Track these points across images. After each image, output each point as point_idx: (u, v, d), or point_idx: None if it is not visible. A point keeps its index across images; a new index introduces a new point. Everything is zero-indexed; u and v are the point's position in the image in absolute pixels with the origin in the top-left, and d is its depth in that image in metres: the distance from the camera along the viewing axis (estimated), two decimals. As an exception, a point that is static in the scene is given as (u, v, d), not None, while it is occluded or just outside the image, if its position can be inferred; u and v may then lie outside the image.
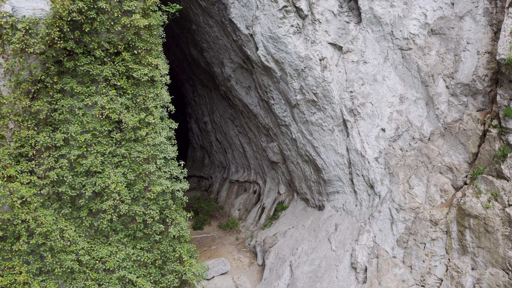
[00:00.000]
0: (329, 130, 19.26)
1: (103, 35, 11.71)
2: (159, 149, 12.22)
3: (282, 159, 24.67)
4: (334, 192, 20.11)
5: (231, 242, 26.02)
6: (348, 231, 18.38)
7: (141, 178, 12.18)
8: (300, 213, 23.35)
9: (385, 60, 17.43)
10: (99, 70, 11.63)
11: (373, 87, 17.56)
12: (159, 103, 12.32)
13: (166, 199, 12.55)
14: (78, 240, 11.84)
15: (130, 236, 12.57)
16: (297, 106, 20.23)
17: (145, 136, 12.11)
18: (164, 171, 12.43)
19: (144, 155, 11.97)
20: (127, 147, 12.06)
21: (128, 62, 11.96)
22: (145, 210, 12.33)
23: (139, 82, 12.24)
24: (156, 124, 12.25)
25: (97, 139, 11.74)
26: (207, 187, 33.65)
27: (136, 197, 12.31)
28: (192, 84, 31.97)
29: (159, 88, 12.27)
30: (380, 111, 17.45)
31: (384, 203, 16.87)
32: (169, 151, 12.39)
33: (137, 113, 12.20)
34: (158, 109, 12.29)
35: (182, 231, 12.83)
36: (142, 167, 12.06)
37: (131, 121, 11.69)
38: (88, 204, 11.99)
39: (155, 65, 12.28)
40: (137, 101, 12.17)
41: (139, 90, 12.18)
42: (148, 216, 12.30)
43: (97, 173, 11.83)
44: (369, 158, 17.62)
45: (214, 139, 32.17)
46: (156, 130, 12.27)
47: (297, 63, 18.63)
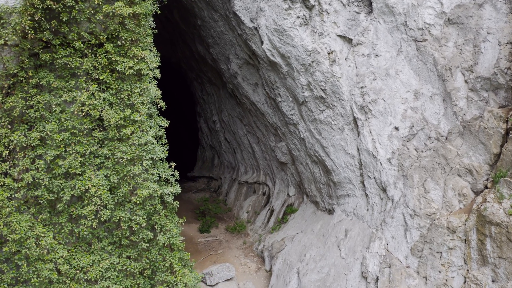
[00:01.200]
0: (339, 129, 17.99)
1: (84, 25, 10.74)
2: (146, 149, 11.19)
3: (291, 160, 23.47)
4: (344, 195, 18.82)
5: (238, 246, 24.94)
6: (358, 237, 17.08)
7: (126, 181, 11.17)
8: (309, 216, 22.11)
9: (398, 52, 16.08)
10: (79, 63, 10.65)
11: (386, 82, 16.23)
12: (146, 99, 11.29)
13: (154, 204, 11.52)
14: (57, 248, 10.89)
15: (115, 244, 11.58)
16: (305, 104, 19.02)
17: (130, 135, 11.08)
18: (151, 173, 11.40)
19: (128, 155, 10.95)
20: (110, 147, 11.08)
21: (112, 55, 10.96)
22: (131, 215, 11.31)
23: (124, 76, 11.22)
24: (143, 122, 11.22)
25: (77, 138, 10.78)
26: (216, 188, 32.64)
27: (121, 202, 11.31)
28: (201, 82, 31.00)
29: (146, 82, 11.23)
30: (393, 108, 16.11)
31: (397, 208, 15.53)
32: (157, 152, 11.35)
33: (121, 110, 11.18)
34: (145, 105, 11.26)
35: (173, 238, 11.78)
36: (126, 168, 11.04)
37: (113, 118, 10.69)
38: (68, 209, 11.03)
39: (141, 57, 11.22)
40: (121, 97, 11.16)
41: (124, 84, 11.18)
42: (134, 223, 11.28)
43: (77, 176, 10.86)
44: (381, 159, 16.30)
45: (223, 138, 31.15)
46: (143, 128, 11.24)
47: (304, 57, 17.42)
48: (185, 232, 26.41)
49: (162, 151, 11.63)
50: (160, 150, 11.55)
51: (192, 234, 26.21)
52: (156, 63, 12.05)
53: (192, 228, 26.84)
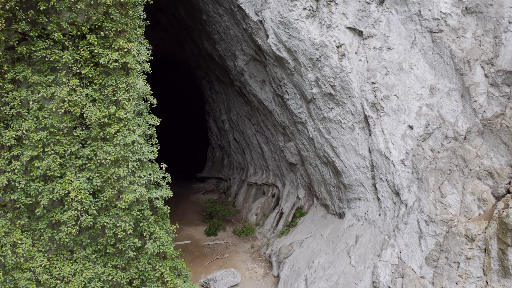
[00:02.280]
0: (349, 128, 16.86)
1: (64, 15, 9.88)
2: (132, 150, 10.30)
3: (300, 161, 22.39)
4: (355, 198, 17.67)
5: (245, 250, 23.96)
6: (369, 244, 15.93)
7: (110, 184, 10.29)
8: (319, 220, 21.00)
9: (412, 45, 14.88)
10: (58, 56, 9.80)
11: (399, 77, 15.04)
12: (133, 95, 10.39)
13: (142, 209, 10.62)
14: (36, 256, 10.08)
15: (100, 252, 10.71)
16: (313, 101, 17.94)
17: (114, 134, 10.19)
18: (138, 176, 10.49)
19: (112, 156, 10.07)
20: (93, 147, 10.21)
21: (95, 47, 10.08)
22: (116, 222, 10.43)
23: (109, 70, 10.35)
24: (129, 120, 10.31)
25: (56, 138, 9.93)
26: (225, 189, 31.72)
27: (105, 207, 10.42)
28: (209, 81, 30.12)
29: (133, 76, 10.32)
30: (407, 105, 14.92)
31: (411, 213, 14.33)
32: (145, 152, 10.44)
33: (105, 106, 10.30)
34: (131, 102, 10.36)
35: (163, 246, 10.85)
36: (110, 171, 10.16)
37: (95, 115, 9.83)
38: (48, 214, 10.20)
39: (128, 49, 10.32)
40: (105, 92, 10.28)
41: (108, 79, 10.30)
42: (120, 229, 10.40)
43: (57, 178, 10.02)
44: (394, 160, 15.12)
45: (232, 138, 30.21)
46: (129, 127, 10.34)
47: (312, 51, 16.36)
48: (192, 235, 25.57)
49: (151, 151, 10.71)
50: (148, 150, 10.64)
51: (198, 237, 25.35)
52: (146, 56, 11.15)
53: (199, 231, 25.98)
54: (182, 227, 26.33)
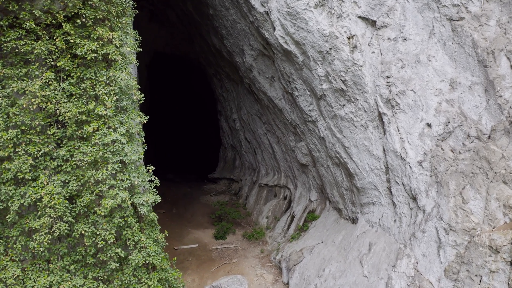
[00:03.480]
0: (362, 127, 15.58)
1: (38, 2, 8.94)
2: (112, 150, 9.29)
3: (312, 161, 21.16)
4: (369, 203, 16.37)
5: (255, 255, 22.84)
6: (384, 253, 14.62)
7: (88, 188, 9.30)
8: (331, 225, 19.73)
9: (430, 35, 13.53)
10: (30, 46, 8.86)
11: (416, 70, 13.71)
12: (114, 89, 9.39)
13: (125, 216, 9.60)
14: (9, 266, 9.17)
15: (79, 263, 9.76)
16: (324, 98, 16.71)
17: (92, 132, 9.22)
18: (120, 179, 9.48)
19: (89, 157, 9.08)
20: (69, 147, 9.23)
21: (71, 36, 9.11)
22: (96, 230, 9.45)
23: (88, 62, 9.37)
24: (109, 117, 9.32)
25: (27, 137, 8.99)
26: (236, 190, 30.66)
27: (84, 213, 9.45)
28: (219, 79, 29.12)
29: (114, 69, 9.32)
30: (425, 101, 13.58)
31: (429, 220, 12.99)
32: (127, 153, 9.42)
33: (84, 102, 9.33)
34: (112, 97, 9.36)
35: (150, 257, 9.82)
36: (88, 173, 9.18)
37: (69, 112, 8.85)
38: (22, 220, 9.28)
39: (108, 39, 9.32)
40: (83, 87, 9.31)
41: (87, 72, 9.31)
42: (100, 238, 9.40)
43: (30, 181, 9.09)
44: (411, 162, 13.79)
45: (243, 138, 29.13)
46: (110, 124, 9.34)
47: (321, 43, 15.15)
48: (200, 238, 24.59)
49: (135, 152, 9.69)
50: (132, 151, 9.62)
51: (206, 241, 24.35)
52: (131, 47, 10.14)
53: (207, 234, 24.98)
54: (190, 230, 25.39)
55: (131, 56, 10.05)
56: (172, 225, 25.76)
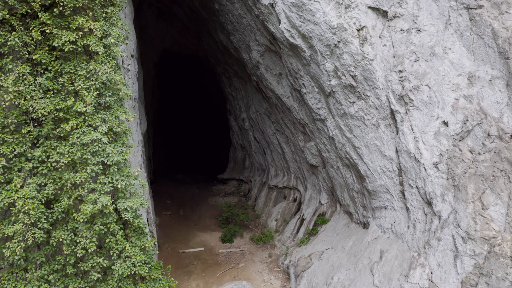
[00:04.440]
0: (373, 125, 14.55)
1: (12, -11, 8.17)
2: (92, 151, 8.48)
3: (321, 162, 20.14)
4: (380, 207, 15.30)
5: (262, 260, 21.92)
6: (396, 261, 13.55)
7: (66, 192, 8.51)
8: (341, 229, 18.68)
9: (447, 25, 12.43)
10: (4, 38, 8.11)
11: (431, 63, 12.63)
12: (95, 84, 8.58)
13: (108, 222, 8.79)
14: (-19, 276, 8.43)
15: (59, 272, 8.98)
16: (332, 94, 15.71)
17: (70, 131, 8.42)
18: (101, 183, 8.67)
19: (65, 159, 8.28)
20: (45, 147, 8.45)
21: (49, 27, 8.32)
22: (76, 237, 8.65)
23: (68, 55, 8.59)
24: (90, 114, 8.51)
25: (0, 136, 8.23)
26: (246, 192, 29.76)
27: (63, 219, 8.67)
28: (228, 77, 28.27)
29: (95, 62, 8.52)
30: (441, 97, 12.48)
31: (445, 227, 11.89)
32: (109, 154, 8.60)
33: (62, 98, 8.55)
34: (92, 92, 8.55)
35: (136, 267, 8.98)
36: (65, 176, 8.39)
37: (42, 109, 8.07)
38: (-5, 226, 8.54)
39: (89, 29, 8.52)
40: (61, 81, 8.52)
41: (66, 66, 8.52)
42: (80, 247, 8.60)
43: (3, 184, 8.34)
44: (426, 164, 12.70)
45: (252, 138, 28.23)
46: (90, 122, 8.54)
47: (328, 36, 14.17)
48: (206, 241, 23.78)
49: (118, 153, 8.87)
50: (114, 151, 8.80)
51: (213, 244, 23.51)
52: (117, 39, 9.32)
53: (214, 237, 24.14)
54: (197, 233, 24.60)
55: (115, 48, 9.22)
56: (179, 228, 25.01)
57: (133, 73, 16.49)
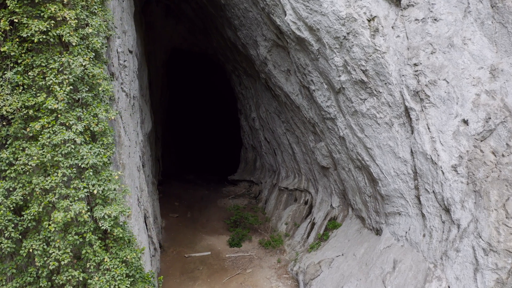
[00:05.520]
0: (386, 124, 13.43)
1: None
2: (63, 152, 7.63)
3: (332, 164, 19.04)
4: (394, 213, 14.15)
5: (271, 265, 20.92)
6: (410, 273, 12.41)
7: (37, 198, 7.67)
8: (353, 235, 17.56)
9: (466, 14, 11.27)
10: (-34, 29, 7.32)
11: (449, 55, 11.46)
12: (69, 78, 7.73)
13: (83, 232, 7.93)
14: None
15: (33, 285, 8.14)
16: (342, 91, 14.64)
17: (40, 130, 7.58)
18: (75, 188, 7.80)
19: (34, 161, 7.44)
20: (14, 148, 7.63)
21: (18, 16, 7.51)
22: (49, 248, 7.82)
23: (41, 47, 7.76)
24: (62, 111, 7.66)
25: (-41, 136, 7.46)
26: (256, 194, 28.78)
27: (34, 228, 7.84)
28: (238, 75, 27.35)
29: (69, 54, 7.67)
30: (460, 93, 11.30)
31: (465, 237, 10.71)
32: (84, 156, 7.74)
33: (32, 94, 7.72)
34: (64, 87, 7.70)
35: (115, 281, 8.10)
36: (34, 180, 7.55)
37: (9, 106, 7.24)
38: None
39: (62, 18, 7.67)
40: (31, 75, 7.69)
41: (37, 58, 7.68)
42: (52, 258, 7.76)
43: (-34, 189, 7.55)
44: (444, 166, 11.54)
45: (262, 138, 27.24)
46: (63, 121, 7.69)
47: (337, 27, 13.12)
48: (213, 245, 22.89)
49: (95, 154, 7.99)
50: (91, 153, 7.93)
51: (220, 248, 22.61)
52: (96, 29, 8.45)
53: (221, 241, 23.23)
54: (204, 236, 23.73)
55: (94, 39, 8.35)
56: (185, 231, 24.18)
57: (132, 69, 15.68)
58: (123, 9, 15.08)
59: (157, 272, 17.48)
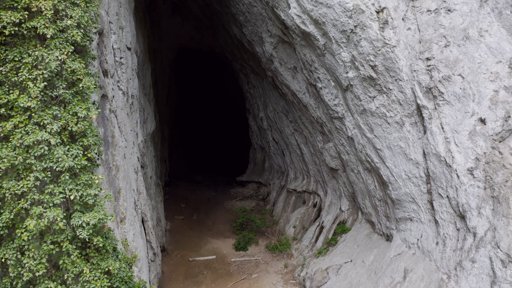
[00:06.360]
0: (396, 124, 12.57)
1: None
2: (36, 154, 6.98)
3: (341, 165, 18.18)
4: (405, 218, 13.27)
5: (277, 270, 20.16)
6: (422, 283, 11.53)
7: (9, 204, 7.04)
8: (363, 240, 16.69)
9: (482, 3, 10.41)
10: None
11: (464, 49, 10.57)
12: (43, 74, 7.08)
13: (61, 240, 7.28)
14: None
15: (6, 298, 7.51)
16: (350, 89, 13.81)
17: (11, 130, 6.95)
18: (49, 193, 7.15)
19: (4, 164, 6.81)
20: (-17, 150, 7.01)
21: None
22: (23, 258, 7.18)
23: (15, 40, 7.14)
24: (36, 110, 7.02)
25: None
26: (264, 195, 28.00)
27: (8, 236, 7.22)
28: (245, 73, 26.62)
29: (44, 48, 7.03)
30: (477, 89, 10.39)
31: (481, 247, 9.81)
32: (59, 158, 7.09)
33: (5, 91, 7.10)
34: (38, 82, 7.06)
35: (95, 294, 7.43)
36: (5, 185, 6.92)
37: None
38: None
39: (38, 9, 7.03)
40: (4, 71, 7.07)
41: (9, 53, 7.06)
42: (26, 269, 7.12)
43: None
44: (459, 170, 10.64)
45: (270, 138, 26.47)
46: (37, 120, 7.05)
47: (344, 20, 12.31)
48: (218, 249, 22.21)
49: (72, 156, 7.32)
50: (68, 155, 7.26)
51: (225, 252, 21.91)
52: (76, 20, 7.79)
53: (227, 244, 22.53)
54: (209, 239, 23.05)
55: (73, 31, 7.68)
56: (190, 233, 23.53)
57: (129, 67, 15.05)
58: (120, 4, 14.47)
59: (157, 278, 16.84)
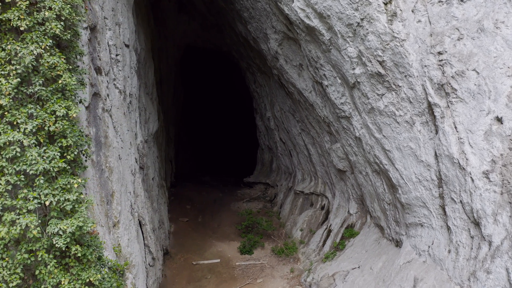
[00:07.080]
0: (406, 123, 11.80)
1: None
2: (8, 156, 6.41)
3: (349, 167, 17.43)
4: (415, 224, 12.48)
5: (283, 275, 19.47)
6: (433, 294, 10.73)
7: (-21, 209, 6.49)
8: (371, 245, 15.92)
9: (501, -10, 9.54)
10: None
11: (479, 42, 9.77)
12: (17, 70, 6.51)
13: (36, 249, 6.71)
14: None
15: (-20, 310, 6.96)
16: (357, 86, 13.08)
17: (-19, 130, 6.40)
18: (23, 198, 6.57)
19: (-29, 167, 6.25)
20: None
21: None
22: (-3, 267, 6.63)
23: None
24: (9, 108, 6.45)
25: None
26: (272, 197, 27.31)
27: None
28: (252, 72, 25.98)
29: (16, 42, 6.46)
30: (493, 85, 9.59)
31: (497, 257, 9.01)
32: (32, 161, 6.51)
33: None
34: (11, 78, 6.48)
35: (73, 306, 6.84)
36: (-27, 188, 6.37)
37: None
38: None
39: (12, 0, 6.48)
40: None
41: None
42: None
43: None
44: (473, 173, 9.84)
45: (278, 138, 25.78)
46: (10, 119, 6.48)
47: (349, 13, 11.59)
48: (223, 252, 21.59)
49: (49, 159, 6.74)
50: (43, 157, 6.68)
51: (230, 255, 21.28)
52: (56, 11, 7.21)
53: (232, 248, 21.90)
54: (214, 242, 22.44)
55: (52, 24, 7.10)
56: (195, 236, 22.94)
57: (127, 65, 14.49)
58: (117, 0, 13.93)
59: (157, 283, 16.27)
